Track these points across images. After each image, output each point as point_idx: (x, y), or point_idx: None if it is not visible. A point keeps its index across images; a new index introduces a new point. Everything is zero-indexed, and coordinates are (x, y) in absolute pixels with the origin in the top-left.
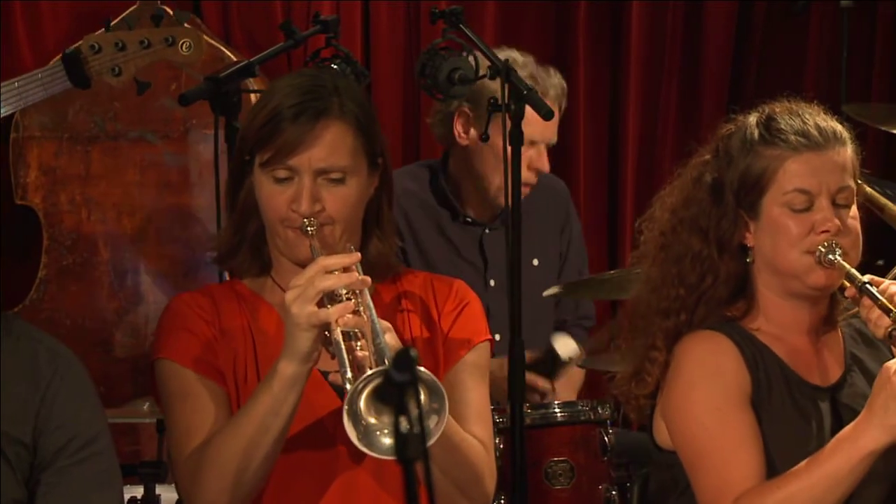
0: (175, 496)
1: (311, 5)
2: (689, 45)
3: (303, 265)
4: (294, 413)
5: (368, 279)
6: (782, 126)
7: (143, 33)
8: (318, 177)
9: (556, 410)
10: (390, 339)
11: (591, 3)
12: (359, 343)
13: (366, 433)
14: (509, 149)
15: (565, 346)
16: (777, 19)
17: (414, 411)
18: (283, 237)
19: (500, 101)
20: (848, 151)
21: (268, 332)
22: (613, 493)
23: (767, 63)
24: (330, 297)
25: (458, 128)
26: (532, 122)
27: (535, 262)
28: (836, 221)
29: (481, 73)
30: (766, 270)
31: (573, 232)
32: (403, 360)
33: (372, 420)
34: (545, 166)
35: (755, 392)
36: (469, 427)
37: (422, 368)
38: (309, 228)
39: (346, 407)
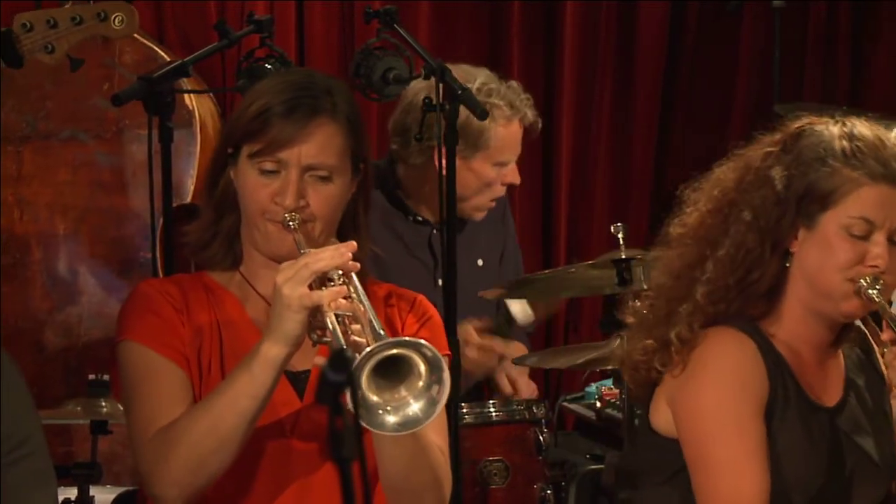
0: (109, 497)
1: (245, 5)
2: (622, 44)
3: (278, 261)
4: (268, 398)
5: (357, 264)
6: (865, 149)
7: (75, 9)
8: (304, 173)
9: (492, 410)
10: (383, 325)
11: (524, 3)
12: (352, 328)
13: (367, 411)
14: (443, 148)
15: (520, 309)
16: (710, 19)
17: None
18: (263, 230)
19: (433, 101)
20: None
21: (234, 326)
22: (548, 492)
23: (701, 63)
24: (321, 282)
25: (439, 160)
26: (511, 146)
27: (480, 262)
28: (888, 258)
29: (415, 72)
30: (802, 281)
31: (509, 230)
32: (339, 361)
33: (374, 398)
34: (517, 178)
35: (770, 402)
36: (428, 435)
37: (424, 342)
38: (291, 223)
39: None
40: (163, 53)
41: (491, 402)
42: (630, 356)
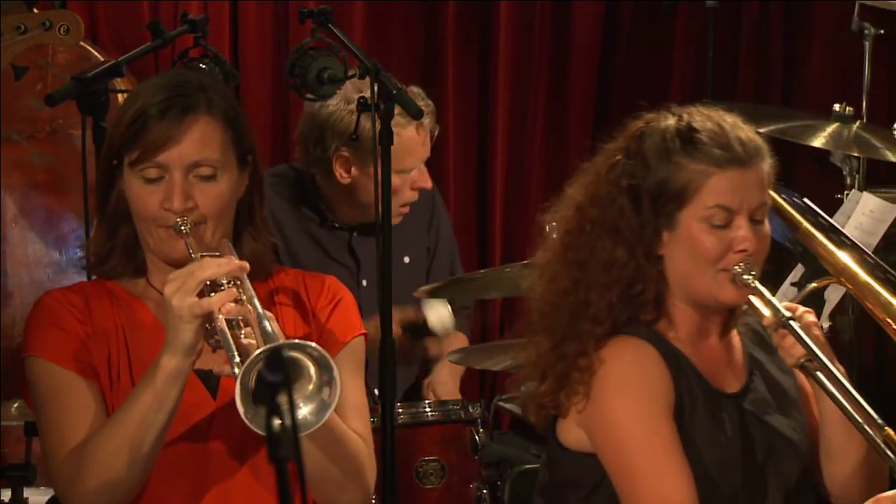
0: (43, 499)
1: (179, 5)
2: (556, 44)
3: (177, 266)
4: (176, 409)
5: (247, 264)
6: (705, 139)
7: (20, 18)
8: (188, 173)
9: (427, 410)
10: (275, 327)
11: (459, 3)
12: (243, 331)
13: (257, 416)
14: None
15: (438, 316)
16: (643, 19)
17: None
18: (157, 238)
19: (369, 101)
20: (766, 166)
21: (141, 332)
22: (484, 491)
23: (635, 62)
24: (211, 287)
25: (339, 170)
26: (411, 152)
27: (407, 259)
28: (754, 240)
29: (350, 72)
30: (677, 280)
31: (441, 226)
32: (276, 361)
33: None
34: (428, 182)
35: (678, 401)
36: (347, 422)
37: (312, 344)
38: (182, 227)
39: (238, 390)
40: (96, 53)
41: (426, 402)
42: (532, 400)
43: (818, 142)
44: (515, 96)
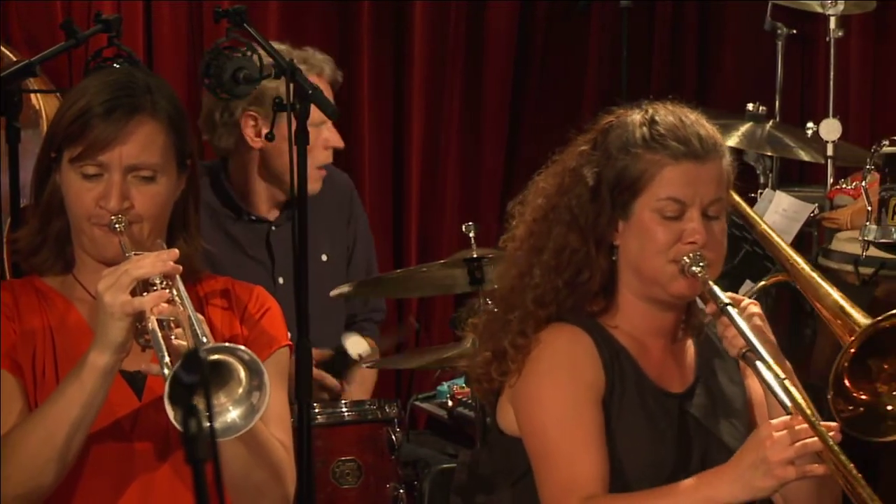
0: None
1: (92, 4)
2: (472, 43)
3: (108, 264)
4: (101, 406)
5: (180, 266)
6: (664, 131)
7: None
8: (127, 174)
9: (344, 410)
10: (206, 329)
11: (374, 2)
12: (174, 332)
13: None
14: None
15: (355, 344)
16: (559, 18)
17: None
18: (90, 235)
19: (284, 101)
20: (725, 164)
21: (68, 329)
22: (401, 491)
23: (550, 61)
24: (144, 286)
25: (249, 132)
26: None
27: (324, 257)
28: (704, 233)
29: (266, 72)
30: (629, 271)
31: (359, 225)
32: (192, 362)
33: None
34: (339, 141)
35: (608, 393)
36: (269, 429)
37: (242, 347)
38: (117, 225)
39: (167, 391)
40: (9, 53)
41: (343, 402)
42: (472, 369)
43: (732, 141)
44: (431, 95)
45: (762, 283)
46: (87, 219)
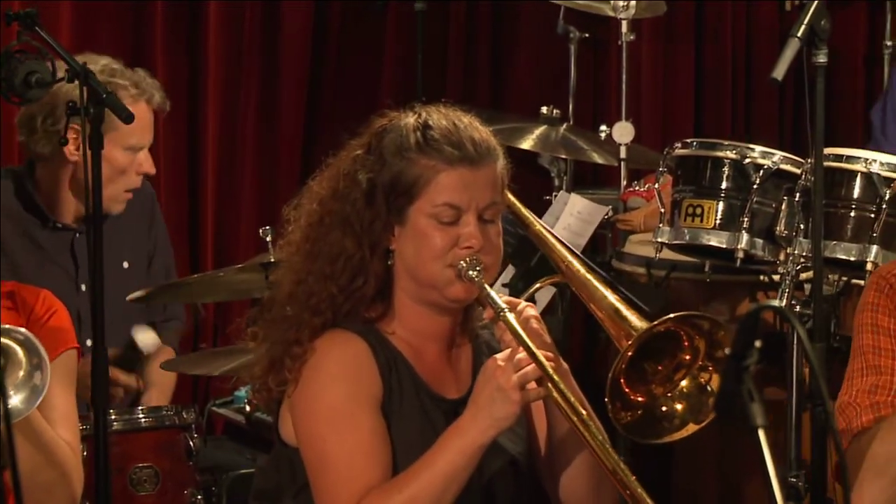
0: None
1: None
2: (267, 45)
3: None
4: None
5: None
6: (438, 136)
7: None
8: None
9: (141, 416)
10: None
11: (167, 3)
12: None
13: None
14: (89, 153)
15: (145, 337)
16: (354, 20)
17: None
18: None
19: (78, 105)
20: (499, 167)
21: None
22: (199, 497)
23: (345, 63)
24: None
25: (70, 147)
26: (136, 127)
27: (126, 264)
28: (480, 238)
29: (59, 76)
30: (406, 276)
31: (159, 231)
32: None
33: None
34: (152, 167)
35: (386, 398)
36: (57, 430)
37: (17, 328)
38: None
39: None
40: None
41: (140, 408)
42: (253, 379)
43: (526, 144)
44: (226, 98)
45: (537, 285)
46: None
